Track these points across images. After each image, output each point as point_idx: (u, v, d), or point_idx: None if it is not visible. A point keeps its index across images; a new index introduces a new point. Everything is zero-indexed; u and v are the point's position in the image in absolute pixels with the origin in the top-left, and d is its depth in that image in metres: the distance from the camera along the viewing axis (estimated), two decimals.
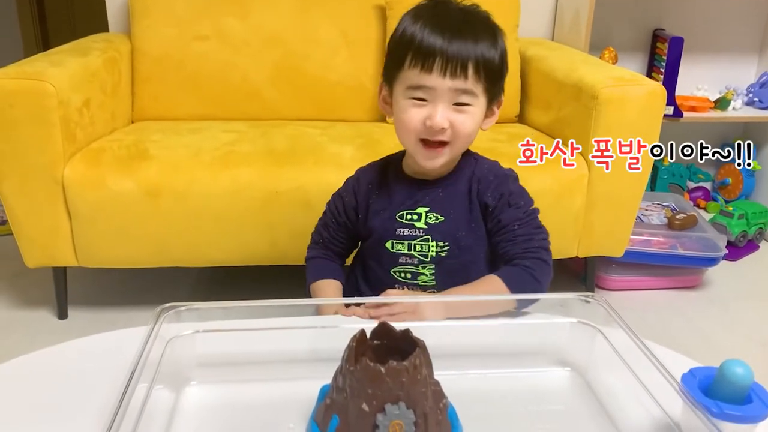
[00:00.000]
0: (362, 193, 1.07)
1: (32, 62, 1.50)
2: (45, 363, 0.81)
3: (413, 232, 1.02)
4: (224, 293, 1.83)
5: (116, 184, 1.48)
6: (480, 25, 0.94)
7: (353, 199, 1.08)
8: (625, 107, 1.54)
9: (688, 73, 2.36)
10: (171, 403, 0.74)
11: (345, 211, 1.09)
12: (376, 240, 1.05)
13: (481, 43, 0.91)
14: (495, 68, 0.93)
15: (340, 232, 1.11)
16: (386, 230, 1.03)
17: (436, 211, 1.01)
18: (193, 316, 0.80)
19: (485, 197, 1.00)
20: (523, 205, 1.01)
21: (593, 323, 0.83)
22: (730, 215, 2.15)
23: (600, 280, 1.89)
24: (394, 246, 1.03)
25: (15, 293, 1.80)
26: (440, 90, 0.91)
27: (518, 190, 1.02)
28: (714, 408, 0.63)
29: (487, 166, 1.04)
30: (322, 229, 1.14)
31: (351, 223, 1.09)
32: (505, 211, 1.00)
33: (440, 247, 1.01)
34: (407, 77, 0.93)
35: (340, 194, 1.11)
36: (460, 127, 0.93)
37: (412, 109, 0.94)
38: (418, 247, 1.02)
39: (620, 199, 1.65)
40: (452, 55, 0.89)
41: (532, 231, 1.00)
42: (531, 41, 2.12)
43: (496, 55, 0.93)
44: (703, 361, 0.72)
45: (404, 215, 1.02)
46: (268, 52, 1.93)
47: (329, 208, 1.12)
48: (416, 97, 0.93)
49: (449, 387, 0.68)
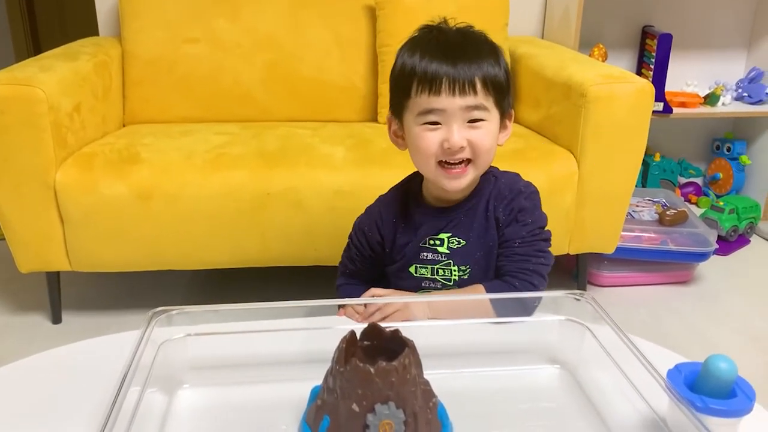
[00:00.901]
0: (387, 227, 1.06)
1: (22, 67, 1.50)
2: (37, 368, 0.82)
3: (436, 257, 1.02)
4: (217, 296, 1.83)
5: (108, 188, 1.49)
6: (480, 44, 0.94)
7: (377, 234, 1.07)
8: (613, 105, 1.55)
9: (677, 69, 2.37)
10: (164, 406, 0.75)
11: (369, 245, 1.09)
12: (400, 265, 1.05)
13: (485, 61, 0.91)
14: (501, 83, 0.93)
15: (365, 263, 1.11)
16: (411, 255, 1.04)
17: (458, 235, 1.01)
18: (184, 320, 0.80)
19: (498, 212, 1.00)
20: (530, 223, 1.00)
21: (582, 321, 0.83)
22: (721, 210, 2.16)
23: (591, 277, 1.90)
24: (417, 270, 1.04)
25: (9, 298, 1.80)
26: (451, 110, 0.90)
27: (530, 206, 1.00)
28: (699, 403, 0.64)
29: (504, 181, 1.02)
30: (348, 262, 1.14)
31: (376, 254, 1.09)
32: (511, 226, 0.99)
33: (462, 270, 1.02)
34: (416, 104, 0.92)
35: (362, 229, 1.09)
36: (479, 143, 0.92)
37: (427, 134, 0.92)
38: (441, 271, 1.02)
39: (611, 196, 1.66)
40: (458, 75, 0.89)
41: (531, 253, 0.99)
42: (521, 39, 2.13)
43: (501, 71, 0.93)
44: (695, 356, 0.73)
45: (427, 240, 1.02)
46: (259, 54, 1.94)
47: (353, 242, 1.12)
48: (429, 121, 0.92)
49: (439, 386, 0.69)
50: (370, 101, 1.99)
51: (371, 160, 1.59)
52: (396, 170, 1.12)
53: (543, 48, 1.98)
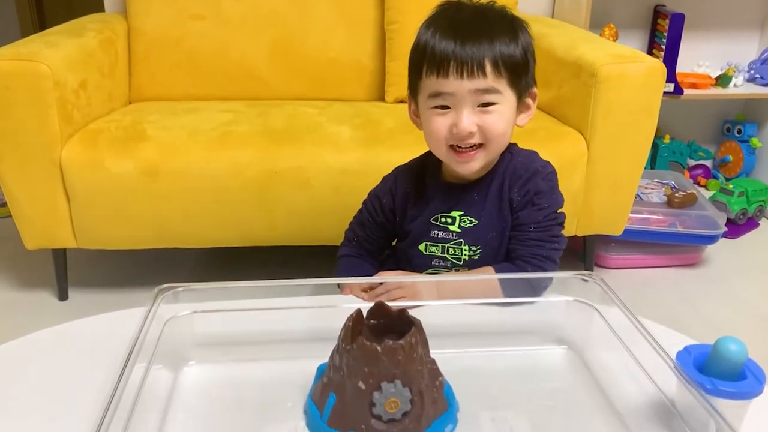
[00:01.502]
0: (400, 196, 1.05)
1: (27, 43, 1.49)
2: (43, 343, 0.82)
3: (447, 236, 1.01)
4: (224, 274, 1.83)
5: (114, 166, 1.48)
6: (496, 22, 0.90)
7: (390, 200, 1.06)
8: (624, 85, 1.53)
9: (689, 50, 2.34)
10: (170, 382, 0.75)
11: (383, 211, 1.07)
12: (410, 241, 1.04)
13: (497, 41, 0.88)
14: (517, 62, 0.90)
15: (376, 231, 1.10)
16: (421, 233, 1.02)
17: (470, 214, 1.00)
18: (190, 297, 0.80)
19: (512, 193, 0.97)
20: (547, 207, 0.97)
21: (590, 301, 0.83)
22: (730, 193, 2.14)
23: (599, 259, 1.89)
24: (427, 248, 1.02)
25: (16, 275, 1.81)
26: (460, 94, 0.88)
27: (547, 188, 0.97)
28: (708, 385, 0.63)
29: (521, 159, 0.99)
30: (357, 228, 1.12)
31: (389, 222, 1.08)
32: (526, 210, 0.97)
33: (473, 251, 1.00)
34: (426, 86, 0.91)
35: (377, 194, 1.09)
36: (490, 129, 0.90)
37: (437, 119, 0.91)
38: (452, 250, 1.01)
39: (620, 178, 1.64)
40: (466, 57, 0.86)
41: (546, 238, 0.97)
42: (531, 18, 2.07)
43: (517, 50, 0.90)
44: (702, 338, 0.72)
45: (438, 218, 1.01)
46: (265, 31, 1.92)
47: (366, 207, 1.10)
48: (438, 105, 0.91)
49: (446, 365, 0.68)
50: (378, 79, 1.97)
51: (378, 140, 1.57)
52: (403, 150, 1.11)
53: (553, 27, 1.96)
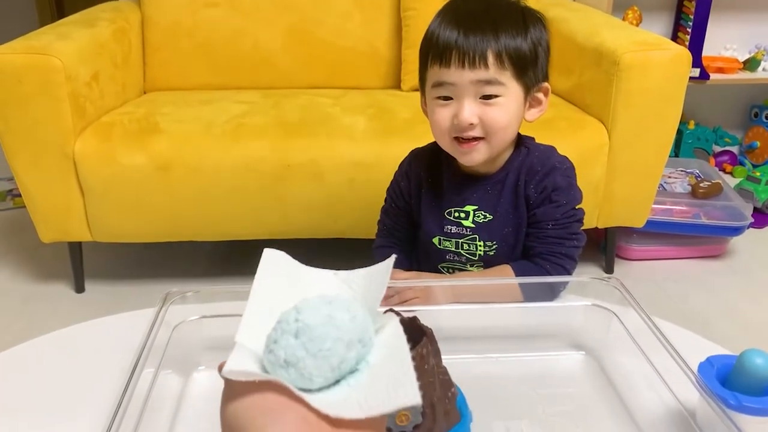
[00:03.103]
0: (414, 178, 1.04)
1: (39, 36, 1.49)
2: (52, 347, 0.82)
3: (461, 231, 0.99)
4: (238, 266, 1.83)
5: (127, 159, 1.48)
6: (504, 14, 0.89)
7: (407, 182, 1.05)
8: (647, 73, 1.48)
9: (716, 33, 2.27)
10: (179, 387, 0.74)
11: (402, 195, 1.06)
12: (425, 234, 1.03)
13: (502, 33, 0.86)
14: (523, 55, 0.88)
15: (401, 216, 1.08)
16: (435, 226, 1.01)
17: (485, 209, 0.98)
18: (199, 300, 0.79)
19: (528, 189, 0.95)
20: (565, 204, 0.95)
21: (609, 305, 0.80)
22: (758, 181, 2.09)
23: (620, 250, 1.85)
24: (441, 243, 1.01)
25: (33, 266, 1.82)
26: (461, 84, 0.87)
27: (565, 184, 0.95)
28: (731, 400, 0.61)
29: (537, 154, 0.97)
30: (385, 217, 1.11)
31: (409, 207, 1.06)
32: (544, 207, 0.95)
33: (488, 246, 0.98)
34: (431, 76, 0.90)
35: (396, 179, 1.08)
36: (492, 121, 0.88)
37: (439, 110, 0.90)
38: (466, 245, 0.99)
39: (642, 168, 1.60)
40: (468, 47, 0.85)
41: (564, 235, 0.95)
42: (552, 2, 2.04)
43: (525, 43, 0.88)
44: (727, 335, 0.70)
45: (452, 212, 0.99)
46: (280, 18, 1.89)
47: (389, 194, 1.09)
48: (441, 96, 0.90)
49: (461, 371, 0.67)
50: (394, 67, 1.94)
51: (392, 131, 1.55)
52: (418, 141, 1.08)
53: (574, 11, 1.90)
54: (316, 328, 0.50)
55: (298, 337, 0.50)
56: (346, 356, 0.51)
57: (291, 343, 0.50)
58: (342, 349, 0.50)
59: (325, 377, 0.50)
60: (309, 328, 0.50)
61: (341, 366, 0.50)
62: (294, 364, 0.49)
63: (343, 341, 0.50)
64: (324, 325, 0.50)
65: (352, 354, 0.51)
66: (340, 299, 0.52)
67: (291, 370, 0.50)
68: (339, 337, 0.50)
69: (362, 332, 0.52)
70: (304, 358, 0.49)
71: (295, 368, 0.49)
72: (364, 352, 0.52)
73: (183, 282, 1.71)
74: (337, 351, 0.50)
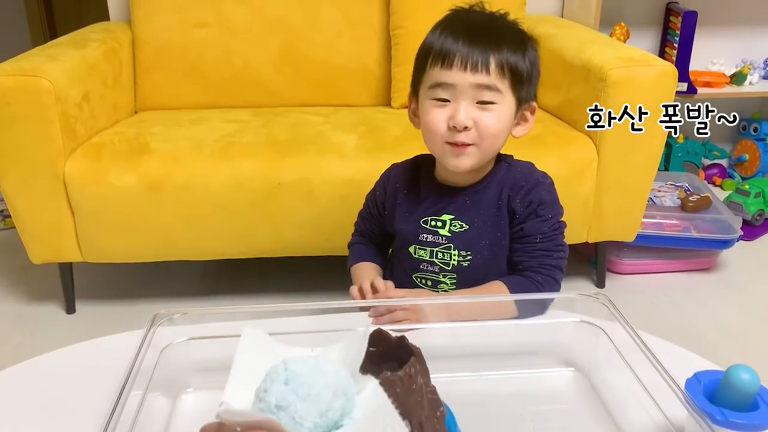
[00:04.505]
0: (391, 188, 1.06)
1: (29, 57, 1.49)
2: (40, 370, 0.81)
3: (436, 239, 1.00)
4: (230, 286, 1.82)
5: (118, 179, 1.48)
6: (506, 30, 0.91)
7: (383, 192, 1.07)
8: (634, 89, 1.50)
9: (702, 48, 2.30)
10: (167, 410, 0.74)
11: (377, 204, 1.08)
12: (400, 242, 1.04)
13: (504, 46, 0.89)
14: (520, 71, 0.90)
15: (374, 224, 1.10)
16: (410, 234, 1.01)
17: (461, 219, 0.99)
18: (188, 322, 0.79)
19: (514, 203, 0.97)
20: (551, 218, 0.97)
21: (597, 322, 0.80)
22: (746, 193, 2.10)
23: (611, 264, 1.86)
24: (416, 251, 1.01)
25: (23, 287, 1.81)
26: (461, 86, 0.88)
27: (549, 199, 0.97)
28: (718, 416, 0.61)
29: (519, 170, 0.99)
30: (360, 220, 1.14)
31: (380, 214, 1.09)
32: (530, 221, 0.96)
33: (462, 256, 0.99)
34: (429, 77, 0.91)
35: (374, 187, 1.10)
36: (486, 127, 0.90)
37: (435, 110, 0.91)
38: (440, 254, 1.00)
39: (631, 183, 1.61)
40: (472, 51, 0.87)
41: (552, 247, 0.97)
42: (540, 18, 2.07)
43: (521, 60, 0.90)
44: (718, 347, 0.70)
45: (429, 221, 1.00)
46: (270, 37, 1.90)
47: (367, 200, 1.12)
48: (438, 97, 0.90)
49: (449, 390, 0.66)
50: (384, 85, 1.95)
51: (383, 148, 1.55)
52: (408, 158, 1.09)
53: (562, 28, 1.92)
54: (305, 375, 0.53)
55: (288, 384, 0.52)
56: (332, 404, 0.53)
57: (281, 389, 0.52)
58: (329, 396, 0.52)
59: (314, 422, 0.51)
60: (298, 375, 0.52)
61: (328, 413, 0.52)
62: (285, 408, 0.51)
63: (330, 388, 0.52)
64: (312, 373, 0.53)
65: (338, 404, 0.53)
66: (323, 357, 0.55)
67: (281, 414, 0.51)
68: (326, 384, 0.52)
69: (346, 386, 0.54)
70: (294, 402, 0.51)
71: (285, 412, 0.51)
72: (349, 407, 0.54)
73: (174, 301, 1.71)
74: (325, 397, 0.52)
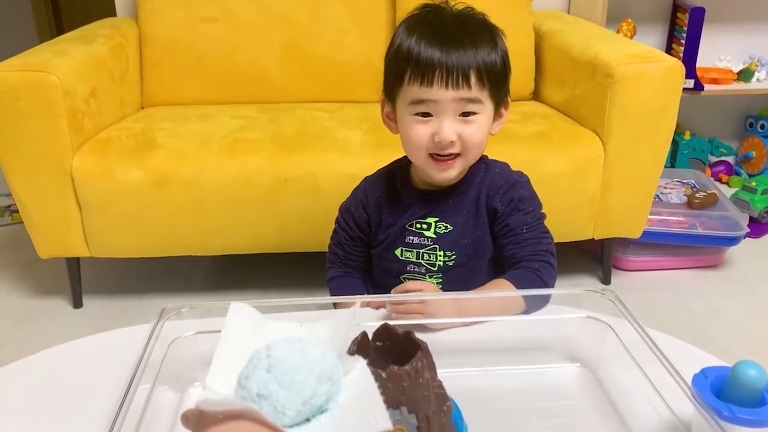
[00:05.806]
0: (372, 206, 1.04)
1: (36, 53, 1.50)
2: (47, 364, 0.81)
3: (422, 241, 1.01)
4: (236, 281, 1.83)
5: (125, 175, 1.48)
6: (477, 29, 0.90)
7: (363, 212, 1.05)
8: (641, 85, 1.49)
9: (709, 44, 2.29)
10: (175, 403, 0.74)
11: (357, 226, 1.06)
12: (385, 247, 1.04)
13: (480, 49, 0.88)
14: (498, 72, 0.90)
15: (355, 247, 1.09)
16: (396, 238, 1.02)
17: (446, 220, 1.00)
18: (195, 316, 0.79)
19: (494, 203, 0.98)
20: (532, 211, 0.99)
21: (603, 318, 0.80)
22: (753, 191, 2.09)
23: (617, 261, 1.85)
24: (403, 253, 1.02)
25: (30, 282, 1.82)
26: (444, 102, 0.88)
27: (528, 195, 1.00)
28: (725, 411, 0.61)
29: (497, 170, 1.01)
30: (337, 248, 1.11)
31: (365, 235, 1.07)
32: (514, 216, 0.98)
33: (447, 256, 1.00)
34: (408, 93, 0.90)
35: (348, 209, 1.08)
36: (469, 139, 0.90)
37: (418, 126, 0.90)
38: (426, 256, 1.01)
39: (637, 179, 1.61)
40: (452, 66, 0.86)
41: (539, 235, 0.99)
42: (546, 14, 2.06)
43: (498, 59, 0.90)
44: (724, 345, 0.70)
45: (414, 224, 1.01)
46: (277, 33, 1.90)
47: (339, 225, 1.09)
48: (420, 112, 0.90)
49: (456, 385, 0.66)
50: None
51: (388, 144, 1.54)
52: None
53: (569, 24, 1.92)
54: (288, 361, 0.50)
55: (271, 371, 0.50)
56: (317, 390, 0.51)
57: (263, 377, 0.50)
58: (313, 382, 0.51)
59: (297, 410, 0.50)
60: (281, 362, 0.50)
61: (312, 400, 0.50)
62: (266, 396, 0.49)
63: (314, 374, 0.51)
64: (295, 358, 0.51)
65: (323, 389, 0.51)
66: (309, 339, 0.53)
67: (263, 403, 0.50)
68: (310, 369, 0.51)
69: (332, 370, 0.52)
70: (276, 390, 0.49)
71: (267, 401, 0.50)
72: (334, 391, 0.52)
73: (181, 296, 1.71)
74: (309, 384, 0.50)
